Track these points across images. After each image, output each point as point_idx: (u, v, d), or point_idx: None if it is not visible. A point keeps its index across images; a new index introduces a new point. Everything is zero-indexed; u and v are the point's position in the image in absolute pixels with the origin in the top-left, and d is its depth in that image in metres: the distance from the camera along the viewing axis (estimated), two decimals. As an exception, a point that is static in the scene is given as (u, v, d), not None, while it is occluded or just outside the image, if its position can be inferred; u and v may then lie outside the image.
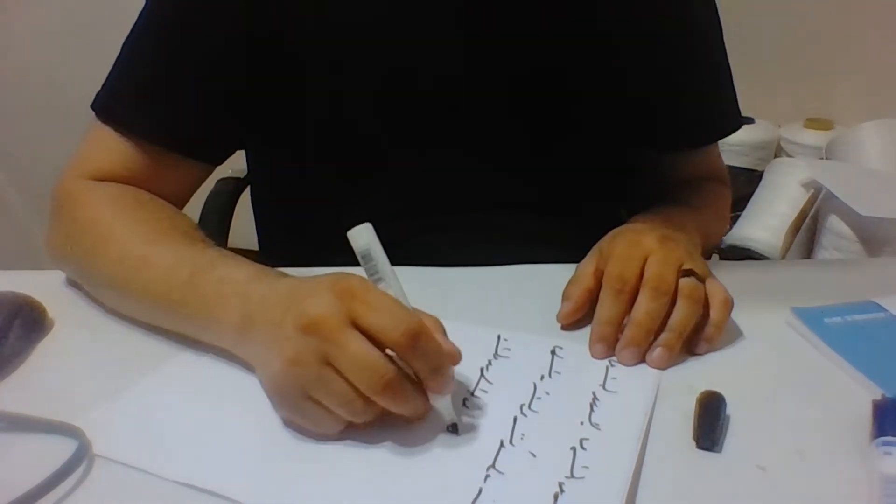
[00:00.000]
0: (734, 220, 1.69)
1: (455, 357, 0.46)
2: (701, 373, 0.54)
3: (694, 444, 0.46)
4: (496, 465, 0.43)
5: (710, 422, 0.47)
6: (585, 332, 0.57)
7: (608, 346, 0.55)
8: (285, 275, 0.51)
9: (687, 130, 0.80)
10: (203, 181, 0.72)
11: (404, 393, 0.43)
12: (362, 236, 0.45)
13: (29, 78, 1.79)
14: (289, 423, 0.46)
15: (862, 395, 0.49)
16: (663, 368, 0.54)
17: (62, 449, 0.43)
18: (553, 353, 0.55)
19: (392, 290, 0.46)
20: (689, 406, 0.49)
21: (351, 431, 0.45)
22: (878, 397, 0.47)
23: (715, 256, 1.53)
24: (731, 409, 0.48)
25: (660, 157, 0.83)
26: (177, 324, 0.55)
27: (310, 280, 0.47)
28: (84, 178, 0.65)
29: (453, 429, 0.46)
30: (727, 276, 0.59)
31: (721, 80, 0.81)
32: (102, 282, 0.60)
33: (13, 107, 1.81)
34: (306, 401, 0.44)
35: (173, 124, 0.66)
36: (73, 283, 0.64)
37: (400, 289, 0.46)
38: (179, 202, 0.69)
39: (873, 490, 0.41)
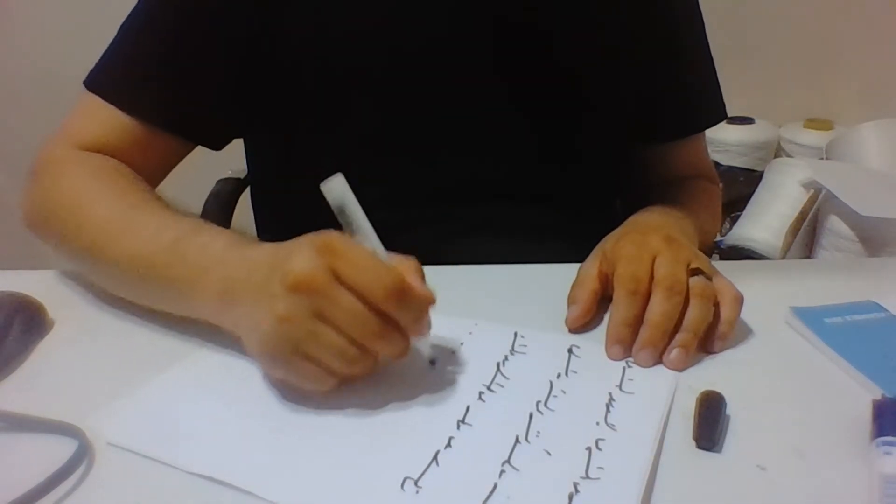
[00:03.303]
0: (734, 220, 1.69)
1: (431, 299, 0.48)
2: (701, 373, 0.54)
3: (694, 444, 0.46)
4: (511, 461, 0.43)
5: (710, 422, 0.47)
6: (603, 331, 0.57)
7: (625, 348, 0.55)
8: (261, 243, 0.52)
9: (672, 121, 0.81)
10: (184, 156, 0.72)
11: (393, 338, 0.47)
12: (336, 189, 0.46)
13: (30, 78, 1.79)
14: (280, 385, 0.48)
15: (862, 395, 0.49)
16: (681, 370, 0.53)
17: (62, 449, 0.43)
18: (570, 351, 0.55)
19: (368, 242, 0.47)
20: (689, 406, 0.49)
21: (341, 393, 0.47)
22: (878, 397, 0.47)
23: (715, 256, 1.53)
24: (731, 409, 0.48)
25: (647, 151, 0.84)
26: (159, 292, 0.55)
27: (288, 242, 0.48)
28: (68, 145, 0.66)
29: (433, 363, 0.51)
30: (727, 277, 0.59)
31: (704, 70, 0.82)
32: (82, 249, 0.60)
33: (14, 107, 1.81)
34: (299, 357, 0.45)
35: (153, 99, 0.66)
36: (72, 279, 0.64)
37: (376, 239, 0.48)
38: (159, 175, 0.70)
39: (873, 490, 0.41)
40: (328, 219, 0.65)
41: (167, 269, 0.53)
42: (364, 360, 0.46)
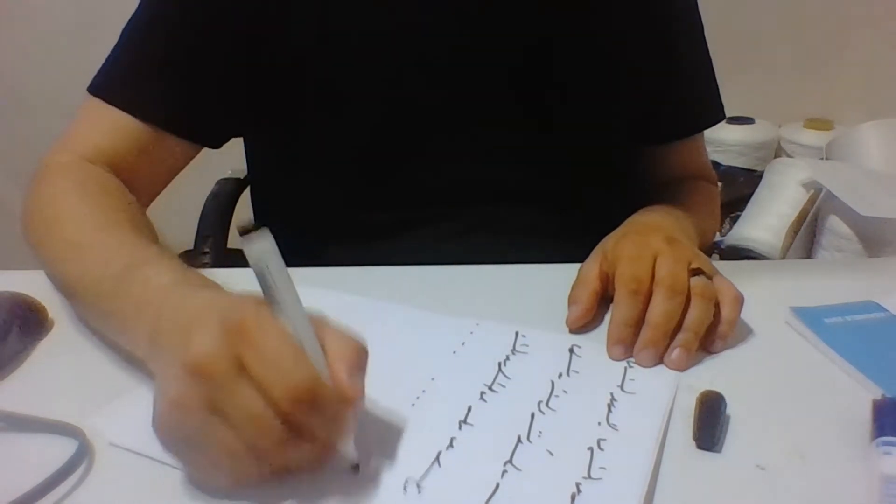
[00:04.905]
0: (734, 220, 1.69)
1: (353, 400, 0.39)
2: (701, 373, 0.54)
3: (694, 444, 0.46)
4: (513, 461, 0.43)
5: (710, 422, 0.47)
6: (603, 331, 0.57)
7: (626, 348, 0.55)
8: (210, 285, 0.47)
9: (670, 121, 0.82)
10: (188, 161, 0.71)
11: (299, 448, 0.39)
12: (256, 249, 0.38)
13: (30, 78, 1.79)
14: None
15: (862, 395, 0.49)
16: (683, 370, 0.53)
17: (62, 449, 0.43)
18: (571, 351, 0.55)
19: (288, 318, 0.39)
20: (689, 406, 0.49)
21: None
22: (878, 397, 0.47)
23: (715, 256, 1.53)
24: (731, 409, 0.48)
25: (646, 151, 0.84)
26: (102, 320, 0.53)
27: (213, 302, 0.42)
28: (70, 152, 0.65)
29: (356, 469, 0.42)
30: (727, 277, 0.59)
31: (702, 71, 0.82)
32: (47, 263, 0.59)
33: (13, 107, 1.81)
34: (189, 448, 0.39)
35: (158, 100, 0.66)
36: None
37: (301, 316, 0.39)
38: (162, 180, 0.70)
39: (873, 490, 0.41)
40: (328, 219, 0.64)
41: (111, 299, 0.50)
42: (260, 468, 0.39)
